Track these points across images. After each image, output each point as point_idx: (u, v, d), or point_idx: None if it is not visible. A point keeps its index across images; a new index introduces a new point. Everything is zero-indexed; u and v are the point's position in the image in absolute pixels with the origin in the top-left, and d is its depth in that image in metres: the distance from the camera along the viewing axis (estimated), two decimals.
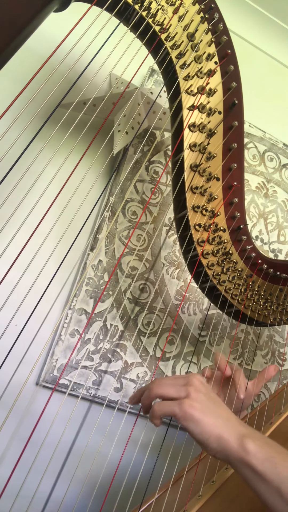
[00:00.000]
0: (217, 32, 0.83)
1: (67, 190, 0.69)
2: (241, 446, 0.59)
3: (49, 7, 0.71)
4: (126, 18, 0.78)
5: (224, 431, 0.61)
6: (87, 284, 1.18)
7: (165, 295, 1.27)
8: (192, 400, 0.63)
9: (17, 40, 0.68)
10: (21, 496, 0.65)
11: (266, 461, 0.57)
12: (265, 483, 0.56)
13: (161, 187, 1.34)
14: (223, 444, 0.60)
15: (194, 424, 0.61)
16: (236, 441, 0.59)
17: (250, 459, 0.57)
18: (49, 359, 1.11)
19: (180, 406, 0.62)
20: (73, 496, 0.88)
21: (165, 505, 0.76)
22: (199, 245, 0.88)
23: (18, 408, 0.66)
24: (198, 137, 0.85)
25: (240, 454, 0.58)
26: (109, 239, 1.23)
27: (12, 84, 1.15)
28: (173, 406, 0.63)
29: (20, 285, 0.65)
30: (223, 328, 1.33)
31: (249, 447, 0.58)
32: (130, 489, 0.76)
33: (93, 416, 1.05)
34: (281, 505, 0.55)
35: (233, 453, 0.59)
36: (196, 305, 1.30)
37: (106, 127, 0.87)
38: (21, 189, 0.63)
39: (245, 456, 0.58)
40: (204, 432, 0.61)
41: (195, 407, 0.62)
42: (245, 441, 0.59)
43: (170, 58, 0.81)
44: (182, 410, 0.62)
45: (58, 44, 0.67)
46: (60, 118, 0.72)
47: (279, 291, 0.98)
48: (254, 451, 0.58)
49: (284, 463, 0.57)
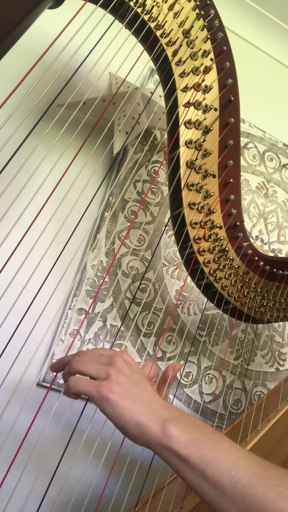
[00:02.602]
0: (212, 28, 0.82)
1: (67, 190, 0.69)
2: (162, 431, 0.55)
3: (43, 4, 0.71)
4: (121, 15, 0.78)
5: (144, 416, 0.57)
6: (87, 284, 1.18)
7: (165, 295, 1.26)
8: (111, 383, 0.59)
9: (11, 37, 0.68)
10: (15, 495, 0.64)
11: (189, 444, 0.54)
12: (190, 467, 0.53)
13: (161, 187, 1.34)
14: (142, 430, 0.56)
15: (111, 408, 0.58)
16: (157, 426, 0.56)
17: (172, 444, 0.54)
18: (49, 359, 1.11)
19: (97, 388, 0.59)
20: (69, 495, 0.87)
21: (161, 504, 0.76)
22: (195, 242, 0.88)
23: (17, 408, 0.66)
24: (194, 134, 0.85)
25: (161, 440, 0.55)
26: (109, 239, 1.23)
27: (7, 81, 1.15)
28: (90, 386, 0.60)
29: (20, 285, 0.64)
30: (223, 328, 1.32)
31: (171, 432, 0.55)
32: (126, 487, 0.75)
33: (88, 415, 1.04)
34: (206, 487, 0.51)
35: (154, 438, 0.56)
36: (196, 305, 1.29)
37: (105, 127, 0.87)
38: (16, 186, 0.63)
39: (167, 441, 0.54)
40: (121, 416, 0.57)
41: (113, 390, 0.59)
42: (166, 425, 0.56)
43: (165, 55, 0.81)
44: (99, 393, 0.59)
45: (52, 41, 0.67)
46: (57, 116, 0.72)
47: (275, 288, 0.98)
48: (176, 435, 0.55)
49: (208, 443, 0.54)
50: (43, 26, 0.97)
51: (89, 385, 0.60)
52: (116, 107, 1.15)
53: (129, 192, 1.28)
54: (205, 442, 0.54)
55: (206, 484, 0.52)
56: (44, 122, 0.66)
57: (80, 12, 0.70)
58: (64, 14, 0.80)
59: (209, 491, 0.51)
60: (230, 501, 0.49)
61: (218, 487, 0.50)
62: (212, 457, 0.53)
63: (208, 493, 0.51)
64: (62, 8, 0.76)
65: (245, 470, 0.51)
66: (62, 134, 0.74)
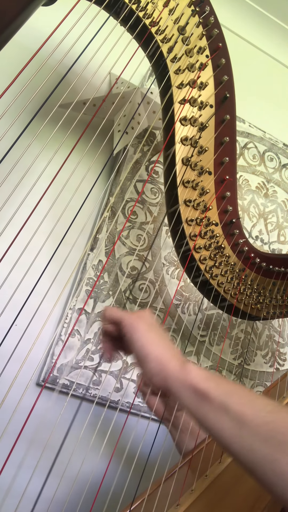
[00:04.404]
0: (208, 25, 0.82)
1: (62, 188, 0.69)
2: (182, 367, 0.57)
3: (37, 1, 0.71)
4: (116, 12, 0.78)
5: (166, 353, 0.59)
6: (87, 284, 1.18)
7: (165, 295, 1.26)
8: (139, 317, 0.64)
9: (5, 34, 0.68)
10: (11, 494, 0.64)
11: (208, 380, 0.55)
12: (209, 402, 0.52)
13: (161, 187, 1.34)
14: (163, 364, 0.58)
15: (137, 335, 0.61)
16: (177, 362, 0.58)
17: (192, 378, 0.55)
18: (49, 359, 1.11)
19: (129, 316, 0.64)
20: (64, 493, 0.87)
21: (157, 501, 0.75)
22: (191, 239, 0.87)
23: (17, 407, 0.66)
24: (190, 131, 0.84)
25: (180, 375, 0.56)
26: (109, 239, 1.23)
27: (1, 78, 1.15)
28: (122, 313, 0.65)
29: (21, 285, 0.64)
30: (223, 328, 1.32)
31: (190, 368, 0.56)
32: (122, 486, 0.75)
33: (84, 413, 1.04)
34: (227, 421, 0.50)
35: (173, 373, 0.57)
36: (196, 305, 1.29)
37: (105, 126, 0.87)
38: (11, 184, 0.63)
39: (186, 375, 0.55)
40: (145, 346, 0.60)
41: (141, 322, 0.63)
42: (186, 363, 0.57)
43: (160, 52, 0.81)
44: (130, 319, 0.63)
45: (46, 38, 0.67)
46: (51, 113, 0.72)
47: (272, 285, 0.97)
48: (196, 371, 0.56)
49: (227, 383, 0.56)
50: (38, 23, 0.97)
51: (121, 313, 0.66)
52: (116, 107, 1.15)
53: (129, 192, 1.28)
54: (223, 381, 0.56)
55: (227, 417, 0.50)
56: (38, 120, 0.66)
57: (75, 9, 0.69)
58: (59, 11, 0.80)
59: (230, 425, 0.50)
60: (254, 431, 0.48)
61: (241, 418, 0.49)
62: (231, 390, 0.53)
63: (229, 428, 0.50)
64: (57, 5, 0.76)
65: (267, 401, 0.51)
66: (57, 131, 0.74)
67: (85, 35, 0.71)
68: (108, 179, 1.29)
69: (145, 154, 1.34)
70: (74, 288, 1.17)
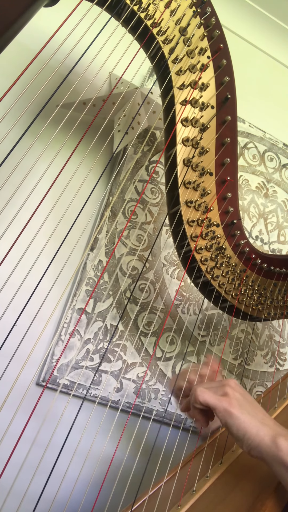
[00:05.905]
0: (209, 26, 0.82)
1: (63, 189, 0.69)
2: (274, 443, 0.63)
3: (39, 2, 0.71)
4: (117, 13, 0.78)
5: (260, 429, 0.66)
6: (87, 284, 1.18)
7: (166, 295, 1.26)
8: (230, 398, 0.69)
9: (6, 35, 0.68)
10: (12, 495, 0.64)
11: None
12: None
13: (161, 187, 1.34)
14: (257, 441, 0.65)
15: (232, 420, 0.67)
16: (270, 438, 0.64)
17: (282, 455, 0.62)
18: (49, 359, 1.11)
19: (220, 401, 0.69)
20: (66, 494, 0.87)
21: (158, 501, 0.75)
22: (192, 240, 0.87)
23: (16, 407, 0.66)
24: (191, 132, 0.84)
25: (272, 450, 0.63)
26: (109, 239, 1.23)
27: (3, 79, 1.14)
28: (214, 398, 0.70)
29: (22, 286, 0.64)
30: (223, 328, 1.32)
31: (281, 444, 0.63)
32: (124, 485, 0.75)
33: (85, 414, 1.04)
34: None
35: (267, 449, 0.64)
36: (196, 305, 1.29)
37: (102, 126, 0.87)
38: (13, 185, 0.63)
39: (277, 452, 0.62)
40: (241, 428, 0.66)
41: (233, 404, 0.68)
42: (278, 438, 0.64)
43: (162, 53, 0.80)
44: (222, 405, 0.68)
45: (48, 39, 0.67)
46: (53, 114, 0.72)
47: (273, 286, 0.98)
48: (286, 448, 0.62)
49: None
50: (40, 24, 0.97)
51: (213, 397, 0.70)
52: (116, 107, 1.15)
53: (129, 192, 1.28)
54: None
55: None
56: (40, 120, 0.66)
57: (76, 10, 0.69)
58: (60, 12, 0.80)
59: None
60: None
61: None
62: None
63: None
64: (58, 6, 0.76)
65: None
66: (58, 132, 0.74)
67: (87, 36, 0.71)
68: (108, 180, 1.29)
69: (146, 155, 1.34)
70: (75, 288, 1.18)
